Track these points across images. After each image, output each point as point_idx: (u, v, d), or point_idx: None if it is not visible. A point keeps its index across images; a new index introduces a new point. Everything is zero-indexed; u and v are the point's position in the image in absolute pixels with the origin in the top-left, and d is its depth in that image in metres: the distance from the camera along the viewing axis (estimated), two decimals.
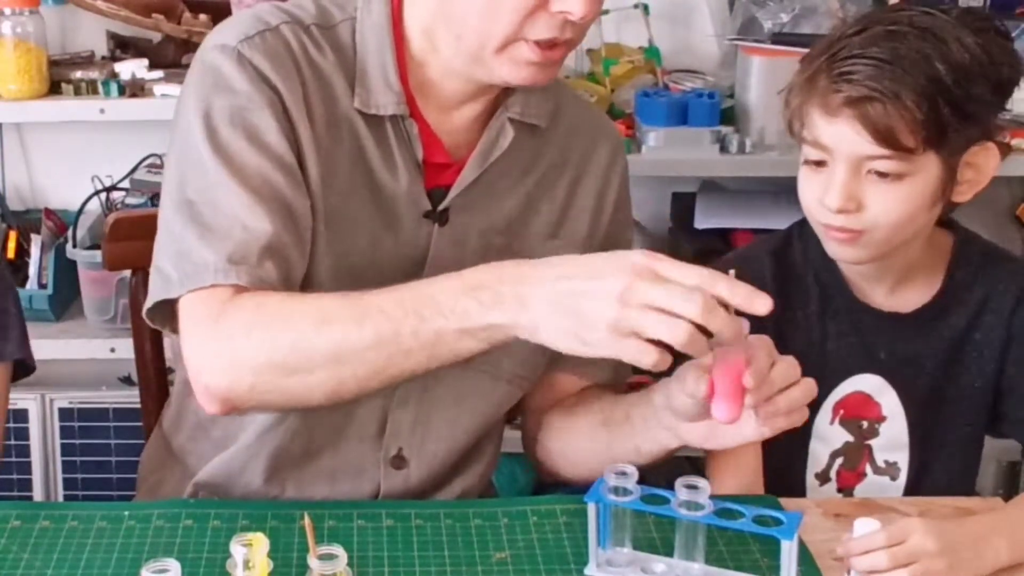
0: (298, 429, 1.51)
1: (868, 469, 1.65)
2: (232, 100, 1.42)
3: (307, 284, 1.43)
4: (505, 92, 1.51)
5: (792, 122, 1.55)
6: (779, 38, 2.34)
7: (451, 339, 1.28)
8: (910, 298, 1.62)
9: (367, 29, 1.48)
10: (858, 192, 1.49)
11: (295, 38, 1.46)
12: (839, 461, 1.65)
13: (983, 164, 1.54)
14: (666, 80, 2.48)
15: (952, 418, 1.64)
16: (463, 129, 1.51)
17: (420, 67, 1.48)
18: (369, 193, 1.48)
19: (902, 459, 1.64)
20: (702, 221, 2.44)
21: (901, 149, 1.47)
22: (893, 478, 1.64)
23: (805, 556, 1.34)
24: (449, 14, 1.42)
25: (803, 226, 1.66)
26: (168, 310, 1.40)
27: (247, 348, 1.32)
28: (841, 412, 1.64)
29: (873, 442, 1.64)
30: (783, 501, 1.44)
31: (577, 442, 1.58)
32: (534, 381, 1.61)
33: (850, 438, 1.64)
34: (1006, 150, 2.31)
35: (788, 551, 1.24)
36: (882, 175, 1.49)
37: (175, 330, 1.40)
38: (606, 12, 2.51)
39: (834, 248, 1.55)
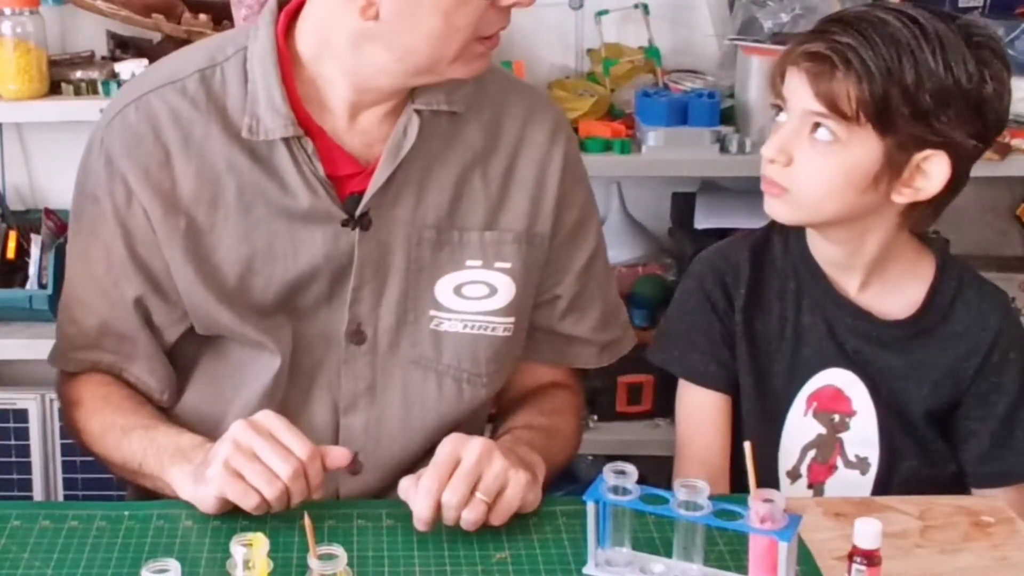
0: None
1: (839, 462, 1.67)
2: (85, 189, 1.56)
3: (239, 321, 1.52)
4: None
5: (774, 80, 1.58)
6: (779, 38, 2.34)
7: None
8: (889, 306, 1.65)
9: (255, 57, 1.51)
10: (791, 147, 1.54)
11: (162, 103, 1.51)
12: (811, 454, 1.66)
13: (933, 172, 1.53)
14: (666, 80, 2.48)
15: (916, 423, 1.66)
16: (374, 129, 1.52)
17: (314, 82, 1.50)
18: (277, 220, 1.51)
19: (872, 454, 1.66)
20: (702, 221, 2.44)
21: (838, 112, 1.50)
22: (863, 472, 1.66)
23: (805, 556, 1.35)
24: (388, 40, 1.43)
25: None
26: None
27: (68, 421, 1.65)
28: (814, 404, 1.66)
29: (844, 436, 1.66)
30: None
31: None
32: (500, 379, 1.63)
33: (823, 430, 1.66)
34: (1006, 150, 2.32)
35: (787, 551, 1.24)
36: (816, 128, 1.52)
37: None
38: (606, 12, 2.52)
39: (766, 202, 1.59)
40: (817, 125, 1.52)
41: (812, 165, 1.53)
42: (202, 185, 1.51)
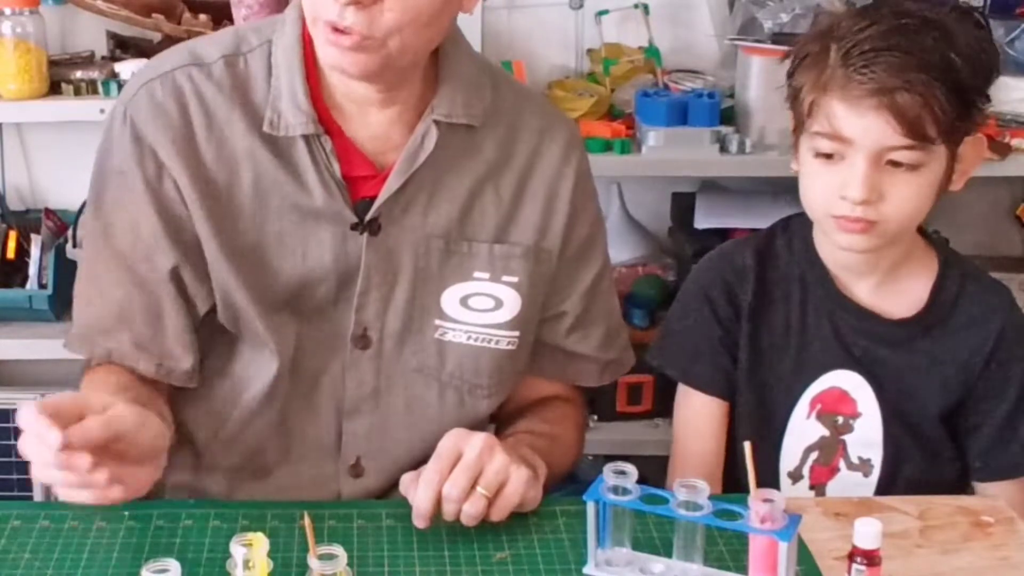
0: (256, 447, 1.56)
1: (842, 464, 1.66)
2: (109, 164, 1.52)
3: (252, 306, 1.50)
4: (431, 94, 1.51)
5: (802, 117, 1.56)
6: (779, 38, 2.34)
7: None
8: (894, 304, 1.64)
9: (279, 51, 1.50)
10: (879, 183, 1.52)
11: (188, 81, 1.50)
12: (813, 456, 1.66)
13: (971, 154, 1.58)
14: (666, 80, 2.48)
15: (922, 424, 1.66)
16: (386, 135, 1.51)
17: (330, 77, 1.49)
18: (290, 215, 1.50)
19: (875, 456, 1.66)
20: (702, 221, 2.45)
21: (924, 139, 1.50)
22: (866, 475, 1.66)
23: (805, 556, 1.35)
24: None
25: (787, 224, 1.68)
26: None
27: None
28: (818, 407, 1.66)
29: (847, 438, 1.66)
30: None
31: None
32: (503, 391, 1.62)
33: (826, 433, 1.66)
34: (1006, 150, 2.32)
35: (787, 551, 1.24)
36: (898, 165, 1.52)
37: None
38: (606, 12, 2.52)
39: (844, 239, 1.56)
40: (894, 161, 1.52)
41: (900, 194, 1.52)
42: (220, 168, 1.49)
